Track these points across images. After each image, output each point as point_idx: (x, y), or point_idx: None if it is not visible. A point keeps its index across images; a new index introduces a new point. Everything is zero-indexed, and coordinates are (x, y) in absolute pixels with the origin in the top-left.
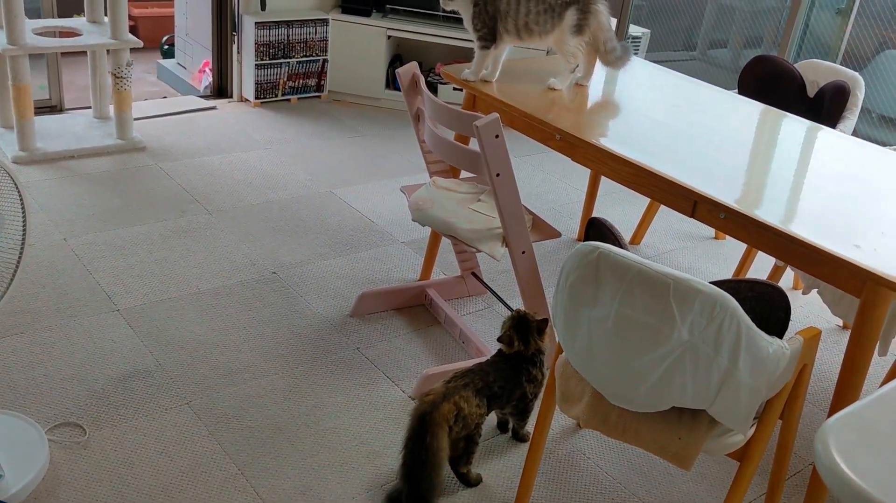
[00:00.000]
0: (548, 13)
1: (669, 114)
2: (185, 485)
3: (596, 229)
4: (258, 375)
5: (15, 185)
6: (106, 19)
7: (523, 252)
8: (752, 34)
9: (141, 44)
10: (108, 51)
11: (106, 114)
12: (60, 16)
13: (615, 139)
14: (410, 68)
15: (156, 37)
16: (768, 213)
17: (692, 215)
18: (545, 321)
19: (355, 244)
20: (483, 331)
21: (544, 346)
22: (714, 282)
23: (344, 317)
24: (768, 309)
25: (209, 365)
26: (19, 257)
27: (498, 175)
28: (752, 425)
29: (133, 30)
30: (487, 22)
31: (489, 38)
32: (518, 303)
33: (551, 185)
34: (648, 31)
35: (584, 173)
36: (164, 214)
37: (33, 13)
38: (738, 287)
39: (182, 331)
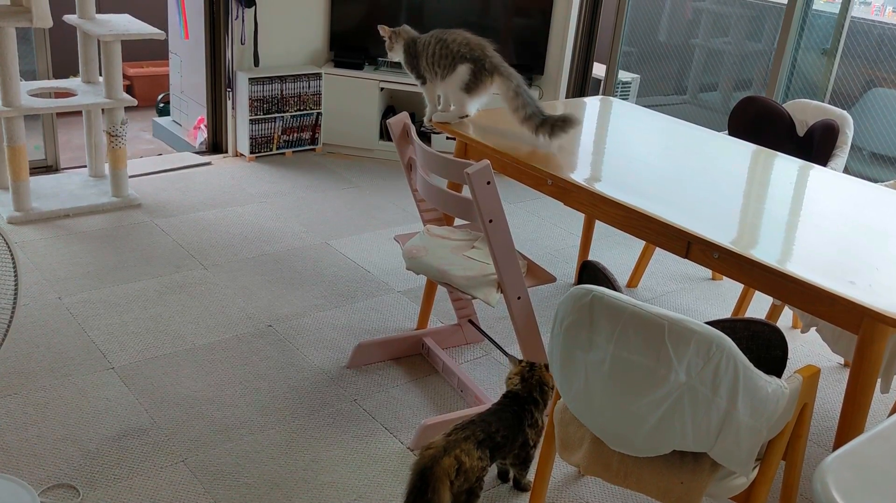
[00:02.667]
0: (445, 60)
1: (661, 156)
2: None
3: (589, 272)
4: (254, 430)
5: (7, 244)
6: (101, 79)
7: (519, 298)
8: (741, 77)
9: (135, 102)
10: (102, 110)
11: (101, 172)
12: (55, 77)
13: (607, 182)
14: (401, 118)
15: (151, 95)
16: (762, 252)
17: (686, 256)
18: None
19: (351, 295)
20: (482, 380)
21: (551, 381)
22: (709, 322)
23: (341, 368)
24: (765, 348)
25: (205, 421)
26: (11, 316)
27: (491, 221)
28: (755, 467)
29: (129, 89)
30: (413, 62)
31: (420, 77)
32: (516, 350)
33: (546, 231)
34: (638, 76)
35: (578, 217)
36: (159, 270)
37: (29, 75)
38: (733, 327)
39: (177, 388)
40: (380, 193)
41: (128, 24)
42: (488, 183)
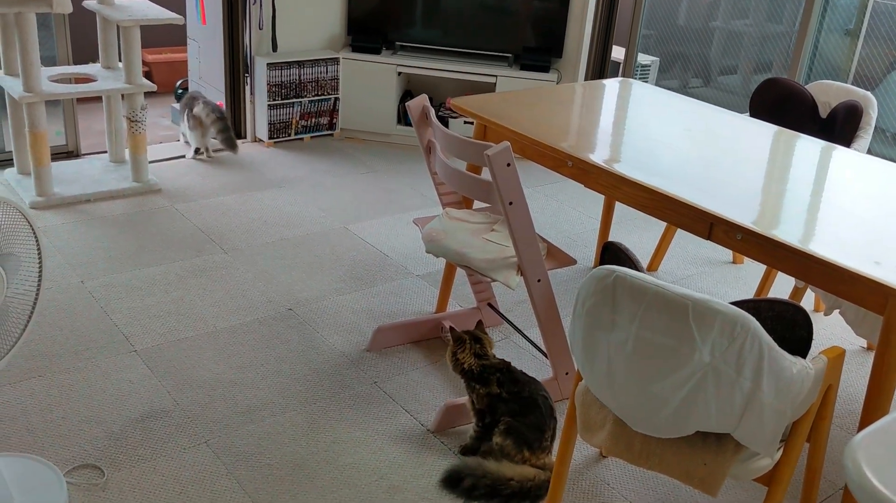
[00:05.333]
0: None
1: (682, 137)
2: None
3: (611, 253)
4: (276, 412)
5: (31, 227)
6: (120, 65)
7: (539, 280)
8: (762, 59)
9: (155, 87)
10: (122, 95)
11: (121, 158)
12: (75, 63)
13: (628, 164)
14: (420, 101)
15: (170, 82)
16: (786, 233)
17: (708, 237)
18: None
19: (370, 279)
20: None
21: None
22: (733, 303)
23: (361, 351)
24: (790, 328)
25: (227, 403)
26: (35, 299)
27: (511, 203)
28: (779, 449)
29: (147, 75)
30: None
31: None
32: (535, 333)
33: (565, 215)
34: (657, 59)
35: (597, 201)
36: (180, 255)
37: (49, 61)
38: (757, 307)
39: (199, 371)
40: (398, 178)
41: (146, 10)
42: (508, 164)
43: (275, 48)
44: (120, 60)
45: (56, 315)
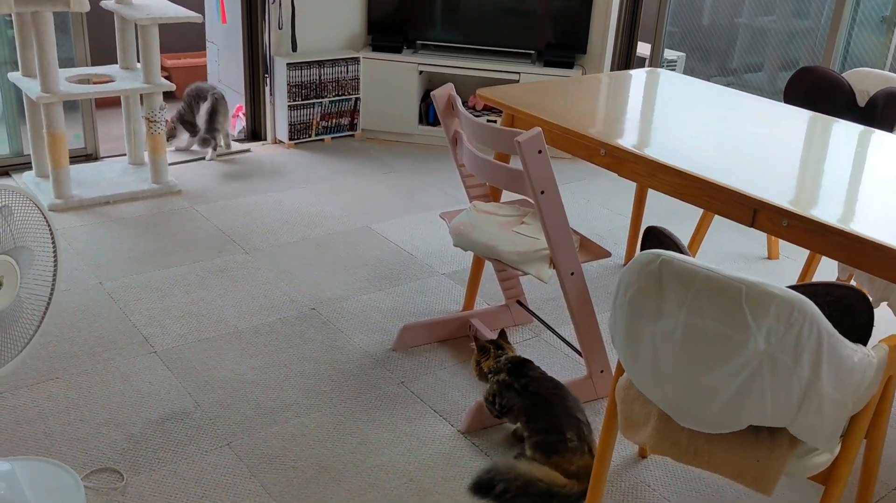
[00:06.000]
0: None
1: (716, 124)
2: None
3: (653, 237)
4: (300, 413)
5: (46, 220)
6: (138, 66)
7: (572, 273)
8: (788, 56)
9: (173, 87)
10: (141, 96)
11: (141, 160)
12: (94, 65)
13: (663, 151)
14: (446, 90)
15: None
16: (834, 217)
17: (752, 224)
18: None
19: (395, 277)
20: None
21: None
22: (788, 287)
23: (386, 351)
24: (849, 314)
25: (250, 404)
26: (51, 291)
27: (542, 192)
28: (837, 444)
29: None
30: None
31: None
32: (567, 331)
33: (593, 212)
34: (684, 54)
35: (626, 197)
36: (200, 255)
37: (67, 63)
38: (814, 291)
39: (221, 371)
40: (421, 177)
41: (165, 8)
42: (540, 152)
43: (294, 48)
44: (138, 61)
45: (74, 317)
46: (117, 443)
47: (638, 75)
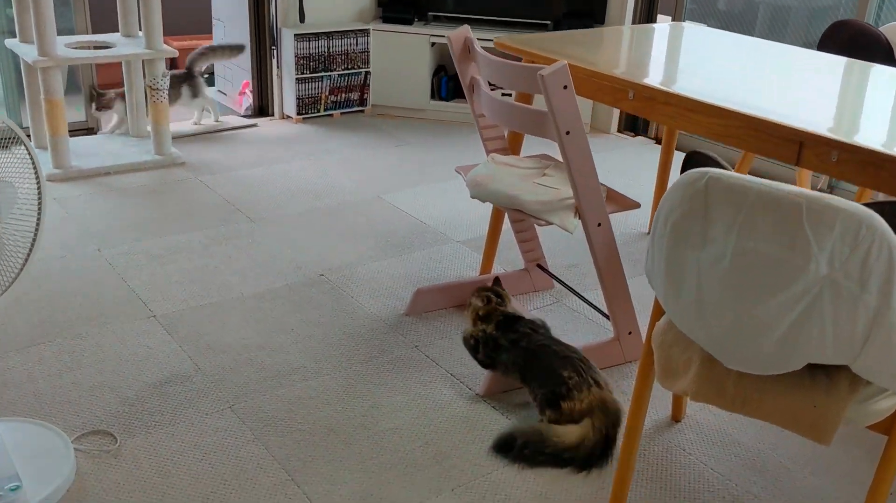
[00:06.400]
0: None
1: (751, 68)
2: (227, 493)
3: (696, 161)
4: (308, 377)
5: (29, 154)
6: (140, 34)
7: (599, 224)
8: (810, 36)
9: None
10: (143, 64)
11: (143, 132)
12: (94, 33)
13: (696, 91)
14: (462, 32)
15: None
16: (888, 147)
17: (797, 163)
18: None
19: (407, 245)
20: (554, 327)
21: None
22: None
23: (399, 316)
24: None
25: (254, 368)
26: (37, 226)
27: (568, 133)
28: None
29: (172, 63)
30: None
31: None
32: (593, 296)
33: (612, 181)
34: (705, 26)
35: (648, 168)
36: (203, 223)
37: (67, 33)
38: (881, 210)
39: (224, 336)
40: (434, 150)
41: None
42: (565, 87)
43: (302, 19)
44: (140, 29)
45: (69, 282)
46: (111, 406)
47: (661, 28)
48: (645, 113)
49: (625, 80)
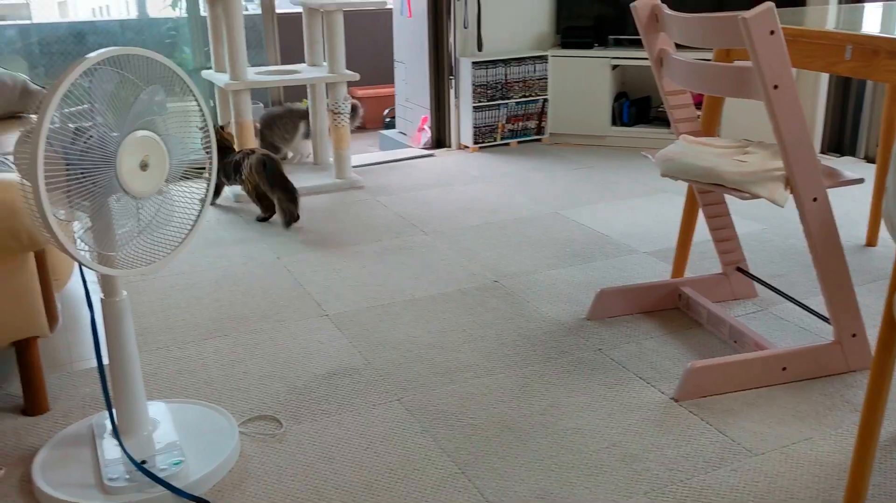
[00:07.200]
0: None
1: None
2: (393, 482)
3: None
4: (480, 374)
5: (200, 107)
6: (325, 63)
7: (815, 199)
8: None
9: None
10: (326, 88)
11: (325, 160)
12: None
13: None
14: (649, 1)
15: (378, 117)
16: None
17: None
18: None
19: (587, 255)
20: (760, 333)
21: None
22: None
23: (579, 320)
24: None
25: (424, 364)
26: (207, 188)
27: (776, 87)
28: None
29: (356, 109)
30: None
31: None
32: (816, 302)
33: None
34: None
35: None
36: (379, 236)
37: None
38: None
39: (394, 334)
40: (615, 171)
41: None
42: (772, 32)
43: (480, 48)
44: (325, 59)
45: (248, 284)
46: (279, 394)
47: (873, 7)
48: (866, 73)
49: (841, 34)
